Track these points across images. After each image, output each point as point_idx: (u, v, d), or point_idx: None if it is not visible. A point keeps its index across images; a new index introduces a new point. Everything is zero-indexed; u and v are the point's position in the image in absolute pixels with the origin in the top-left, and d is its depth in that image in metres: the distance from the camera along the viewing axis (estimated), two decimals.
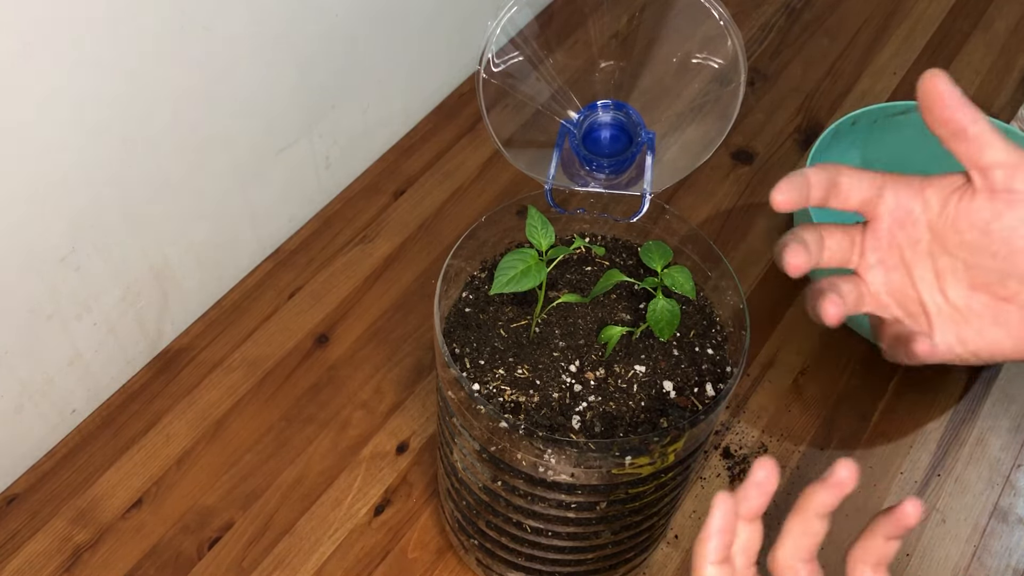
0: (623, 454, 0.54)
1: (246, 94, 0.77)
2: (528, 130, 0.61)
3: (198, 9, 0.68)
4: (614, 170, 0.60)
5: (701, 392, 0.59)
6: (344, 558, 0.73)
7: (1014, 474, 0.80)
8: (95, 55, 0.63)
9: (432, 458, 0.78)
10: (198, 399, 0.81)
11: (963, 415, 0.83)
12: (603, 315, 0.61)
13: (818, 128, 1.02)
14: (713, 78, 0.59)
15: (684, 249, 0.63)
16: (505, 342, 0.60)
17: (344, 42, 0.84)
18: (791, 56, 1.09)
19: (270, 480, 0.77)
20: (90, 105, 0.64)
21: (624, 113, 0.60)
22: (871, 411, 0.82)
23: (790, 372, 0.84)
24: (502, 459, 0.56)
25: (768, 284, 0.90)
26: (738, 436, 0.80)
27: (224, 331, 0.85)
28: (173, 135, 0.72)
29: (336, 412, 0.81)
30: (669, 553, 0.74)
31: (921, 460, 0.80)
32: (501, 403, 0.57)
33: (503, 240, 0.64)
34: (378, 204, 0.94)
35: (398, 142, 0.99)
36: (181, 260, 0.80)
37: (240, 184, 0.82)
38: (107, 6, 0.61)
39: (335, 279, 0.89)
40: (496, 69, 0.58)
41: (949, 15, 1.15)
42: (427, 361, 0.84)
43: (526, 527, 0.61)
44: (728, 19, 0.56)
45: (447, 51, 0.99)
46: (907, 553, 0.75)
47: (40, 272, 0.68)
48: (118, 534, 0.74)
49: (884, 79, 1.08)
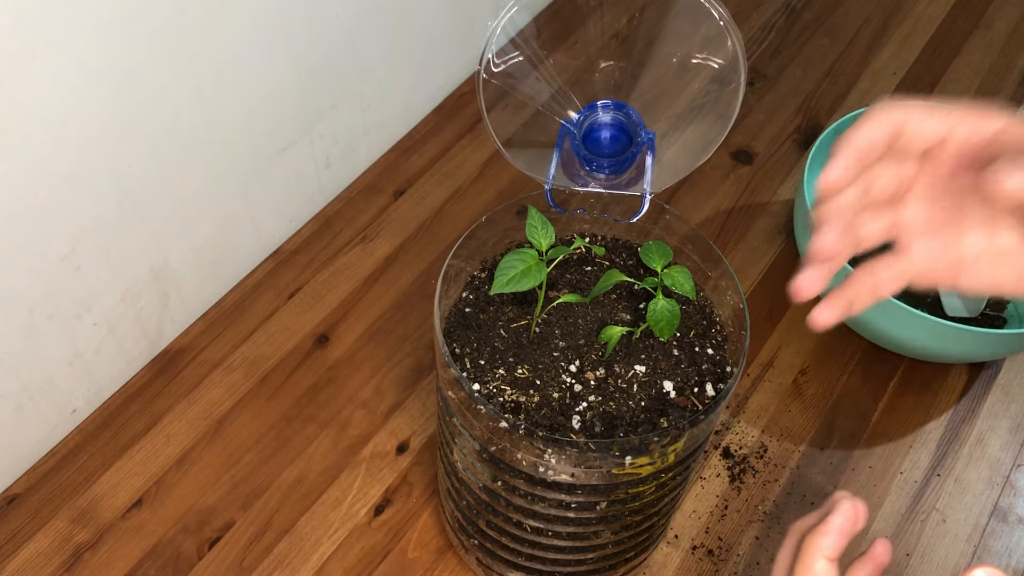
0: (623, 454, 0.54)
1: (246, 94, 0.77)
2: (528, 130, 0.61)
3: (198, 9, 0.68)
4: (614, 170, 0.60)
5: (701, 392, 0.59)
6: (344, 558, 0.73)
7: (1014, 474, 0.80)
8: (95, 55, 0.63)
9: (432, 458, 0.78)
10: (198, 399, 0.81)
11: (963, 415, 0.83)
12: (603, 315, 0.61)
13: (818, 128, 1.02)
14: (713, 78, 0.59)
15: (684, 249, 0.63)
16: (505, 342, 0.60)
17: (344, 42, 0.84)
18: (791, 56, 1.09)
19: (270, 480, 0.77)
20: (90, 105, 0.64)
21: (624, 113, 0.60)
22: (871, 411, 0.83)
23: (790, 372, 0.84)
24: (502, 459, 0.56)
25: (768, 284, 0.90)
26: (738, 436, 0.80)
27: (224, 331, 0.85)
28: (173, 135, 0.72)
29: (336, 412, 0.81)
30: (669, 553, 0.74)
31: (921, 460, 0.80)
32: (501, 403, 0.57)
33: (503, 240, 0.64)
34: (378, 204, 0.94)
35: (398, 142, 0.99)
36: (181, 260, 0.80)
37: (240, 184, 0.82)
38: (107, 6, 0.61)
39: (335, 279, 0.89)
40: (496, 69, 0.58)
41: (949, 15, 1.15)
42: (427, 361, 0.84)
43: (526, 527, 0.61)
44: (728, 19, 0.56)
45: (447, 51, 0.99)
46: (907, 553, 0.75)
47: (40, 272, 0.68)
48: (118, 534, 0.74)
49: (884, 79, 1.08)
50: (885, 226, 0.48)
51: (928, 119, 0.44)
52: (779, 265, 0.91)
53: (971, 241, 0.47)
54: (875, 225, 0.47)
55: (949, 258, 0.47)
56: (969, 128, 0.44)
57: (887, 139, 0.44)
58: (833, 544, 0.46)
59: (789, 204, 0.96)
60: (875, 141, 0.44)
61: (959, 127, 0.44)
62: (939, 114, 0.44)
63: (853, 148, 0.44)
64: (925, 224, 0.47)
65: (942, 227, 0.47)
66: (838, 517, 0.46)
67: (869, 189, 0.46)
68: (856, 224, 0.47)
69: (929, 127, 0.44)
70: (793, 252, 0.92)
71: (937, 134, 0.45)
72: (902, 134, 0.45)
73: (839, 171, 0.44)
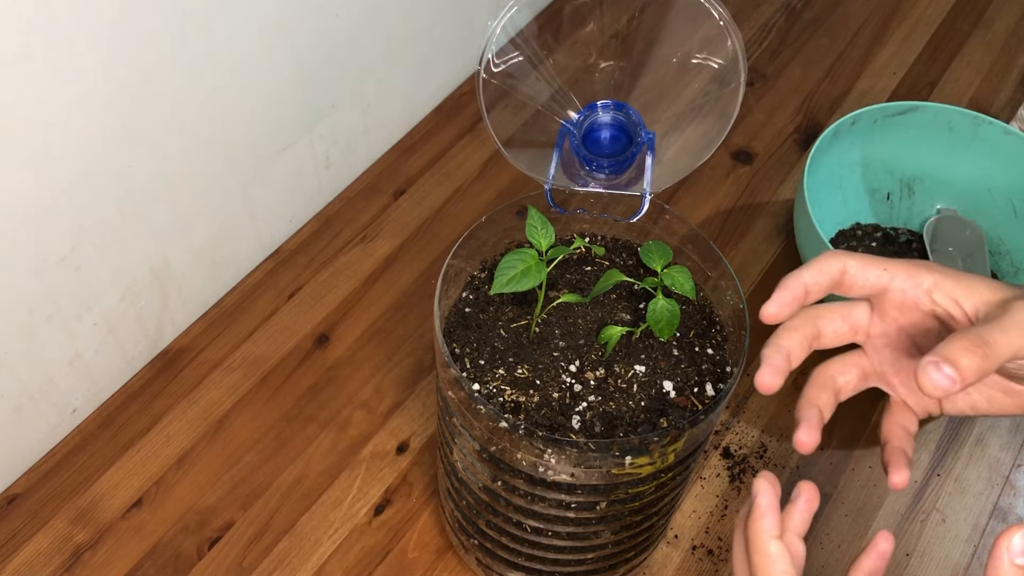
0: (623, 454, 0.54)
1: (246, 94, 0.77)
2: (528, 130, 0.61)
3: (198, 9, 0.68)
4: (614, 170, 0.60)
5: (701, 392, 0.59)
6: (344, 558, 0.73)
7: (1014, 474, 0.80)
8: (95, 55, 0.63)
9: (432, 458, 0.78)
10: (198, 399, 0.81)
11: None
12: (603, 315, 0.61)
13: (818, 128, 1.02)
14: (713, 78, 0.59)
15: (684, 249, 0.63)
16: (505, 342, 0.60)
17: (344, 42, 0.84)
18: (791, 56, 1.09)
19: (270, 480, 0.77)
20: (90, 105, 0.64)
21: (624, 113, 0.60)
22: (871, 411, 0.82)
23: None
24: (502, 459, 0.56)
25: (768, 284, 0.90)
26: (738, 436, 0.80)
27: (224, 331, 0.85)
28: (173, 135, 0.72)
29: (336, 412, 0.81)
30: (669, 553, 0.74)
31: (921, 460, 0.80)
32: (501, 403, 0.57)
33: (503, 240, 0.64)
34: (378, 204, 0.94)
35: (398, 142, 0.99)
36: (181, 260, 0.80)
37: (240, 184, 0.82)
38: (107, 6, 0.61)
39: (335, 279, 0.89)
40: (496, 69, 0.58)
41: (949, 15, 1.15)
42: (427, 361, 0.84)
43: (526, 527, 0.61)
44: (728, 19, 0.56)
45: (447, 51, 0.99)
46: (907, 553, 0.75)
47: (40, 272, 0.68)
48: (118, 534, 0.74)
49: (884, 79, 1.08)
50: (860, 374, 0.53)
51: (868, 269, 0.50)
52: (779, 265, 0.91)
53: None
54: (849, 376, 0.53)
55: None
56: (905, 282, 0.50)
57: (828, 283, 0.50)
58: (774, 523, 0.48)
59: (789, 204, 0.96)
60: (818, 284, 0.50)
61: (896, 280, 0.50)
62: (877, 266, 0.50)
63: (792, 287, 0.49)
64: (895, 367, 0.53)
65: (911, 367, 0.52)
66: (760, 495, 0.48)
67: (820, 334, 0.52)
68: (832, 379, 0.53)
69: (870, 276, 0.50)
70: (793, 252, 0.92)
71: (876, 284, 0.50)
72: (843, 282, 0.50)
73: (777, 306, 0.49)
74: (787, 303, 0.49)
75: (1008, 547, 0.41)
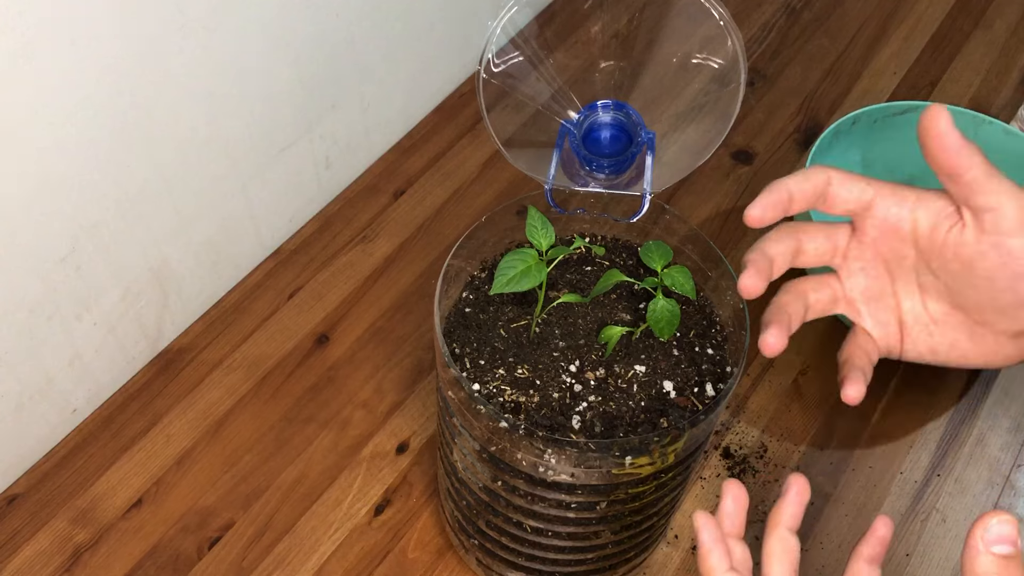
0: (623, 454, 0.54)
1: (246, 94, 0.77)
2: (528, 130, 0.61)
3: (198, 9, 0.68)
4: (614, 170, 0.60)
5: (701, 392, 0.59)
6: (344, 558, 0.73)
7: (1014, 474, 0.80)
8: (95, 55, 0.63)
9: (432, 458, 0.78)
10: (198, 399, 0.81)
11: (963, 415, 0.83)
12: (603, 315, 0.61)
13: (818, 128, 1.02)
14: (713, 78, 0.59)
15: (684, 249, 0.63)
16: (505, 342, 0.60)
17: (344, 42, 0.84)
18: (791, 56, 1.09)
19: (270, 480, 0.77)
20: (90, 105, 0.64)
21: (624, 113, 0.60)
22: (871, 411, 0.82)
23: (790, 372, 0.84)
24: (502, 459, 0.56)
25: (768, 284, 0.90)
26: (738, 436, 0.80)
27: (224, 331, 0.85)
28: (173, 135, 0.72)
29: (336, 412, 0.81)
30: (669, 553, 0.74)
31: (921, 460, 0.80)
32: (501, 403, 0.57)
33: (503, 240, 0.64)
34: (378, 204, 0.94)
35: (398, 142, 0.99)
36: (181, 260, 0.80)
37: (240, 184, 0.82)
38: (107, 6, 0.61)
39: (335, 279, 0.89)
40: (496, 69, 0.58)
41: (949, 15, 1.15)
42: (427, 361, 0.84)
43: (526, 527, 0.61)
44: (728, 19, 0.56)
45: (447, 51, 0.99)
46: (907, 553, 0.75)
47: (40, 272, 0.68)
48: (118, 534, 0.74)
49: (884, 79, 1.08)
50: (831, 295, 0.52)
51: (852, 182, 0.49)
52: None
53: (907, 308, 0.52)
54: (821, 294, 0.52)
55: (895, 324, 0.52)
56: (888, 198, 0.49)
57: (812, 191, 0.49)
58: (722, 555, 0.48)
59: None
60: (802, 191, 0.49)
61: (880, 197, 0.49)
62: (861, 180, 0.49)
63: (776, 191, 0.49)
64: (866, 294, 0.52)
65: (880, 296, 0.52)
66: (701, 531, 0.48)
67: (802, 249, 0.51)
68: (804, 293, 0.52)
69: (854, 189, 0.49)
70: None
71: (860, 199, 0.49)
72: (827, 194, 0.49)
73: (761, 208, 0.49)
74: (771, 205, 0.49)
75: (983, 536, 0.41)
